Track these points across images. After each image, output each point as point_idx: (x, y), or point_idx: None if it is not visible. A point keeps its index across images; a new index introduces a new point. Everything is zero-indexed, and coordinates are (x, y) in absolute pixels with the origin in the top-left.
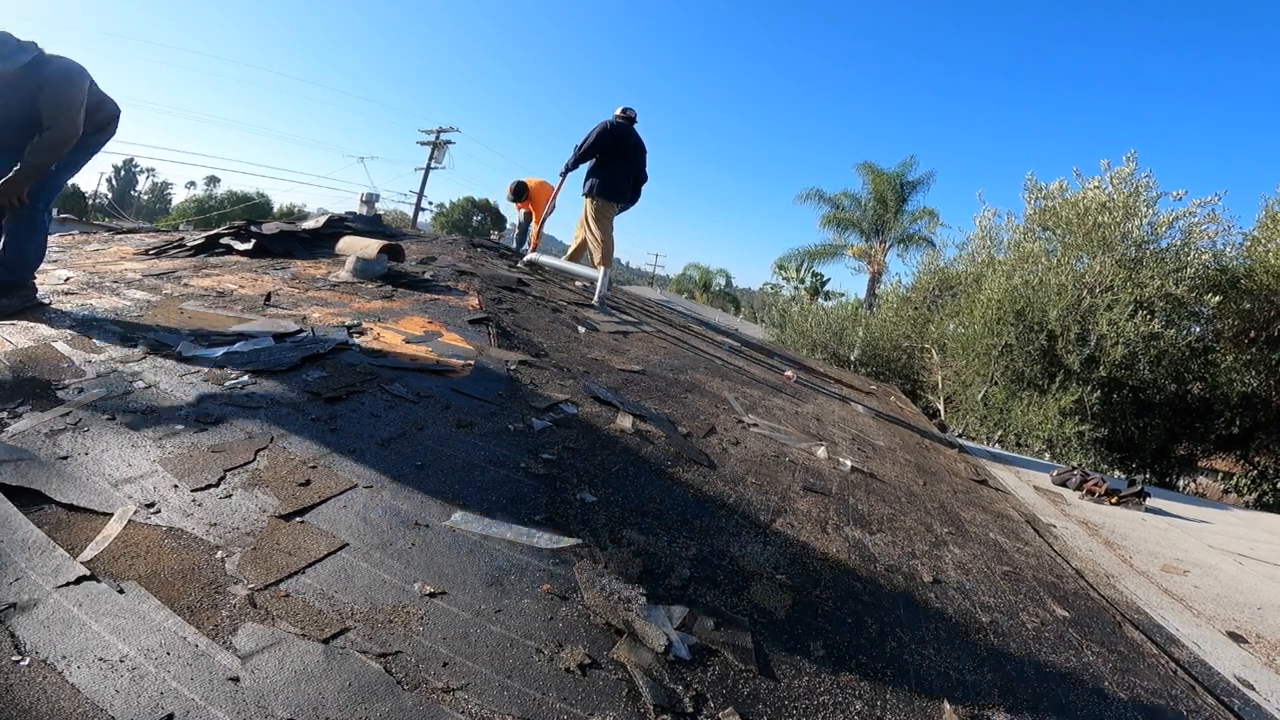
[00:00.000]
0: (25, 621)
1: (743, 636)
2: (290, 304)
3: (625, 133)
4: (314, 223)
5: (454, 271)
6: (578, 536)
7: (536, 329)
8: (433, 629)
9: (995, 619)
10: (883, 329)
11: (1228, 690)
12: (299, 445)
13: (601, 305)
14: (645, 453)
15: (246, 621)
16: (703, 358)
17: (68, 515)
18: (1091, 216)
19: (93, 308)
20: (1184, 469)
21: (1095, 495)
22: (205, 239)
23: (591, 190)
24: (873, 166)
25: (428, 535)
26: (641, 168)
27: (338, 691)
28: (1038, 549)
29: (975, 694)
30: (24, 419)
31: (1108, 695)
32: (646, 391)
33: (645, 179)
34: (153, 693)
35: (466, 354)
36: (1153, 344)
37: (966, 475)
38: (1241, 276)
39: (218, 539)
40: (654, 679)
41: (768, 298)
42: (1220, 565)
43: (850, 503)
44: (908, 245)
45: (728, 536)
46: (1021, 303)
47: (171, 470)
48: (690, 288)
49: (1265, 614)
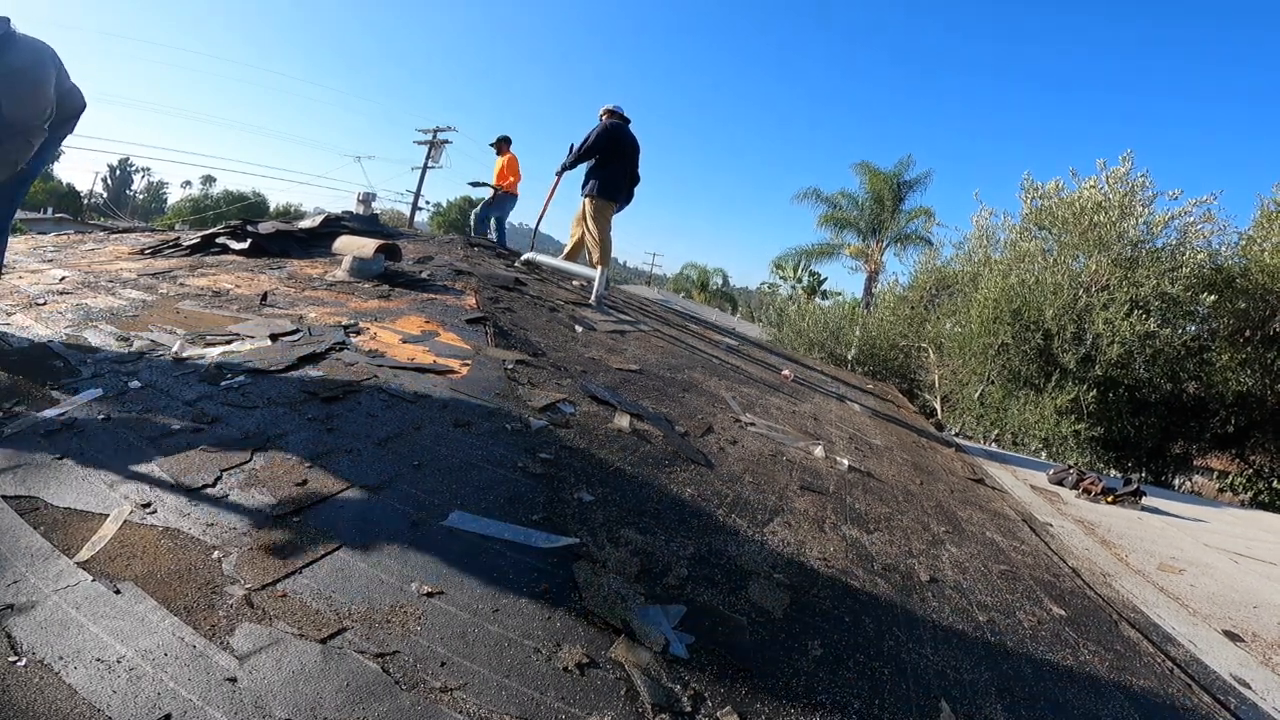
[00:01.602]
0: (22, 622)
1: (741, 636)
2: (287, 304)
3: (624, 133)
4: (310, 222)
5: (451, 271)
6: (575, 536)
7: (534, 328)
8: (430, 629)
9: (992, 618)
10: (880, 328)
11: (1224, 689)
12: (296, 445)
13: (599, 304)
14: (643, 452)
15: (244, 622)
16: (700, 357)
17: (64, 516)
18: (1088, 216)
19: (88, 307)
20: (1180, 468)
21: (1092, 494)
22: (201, 239)
23: (592, 190)
24: (870, 166)
25: (425, 535)
26: (636, 168)
27: (335, 691)
28: (1034, 548)
29: (972, 692)
30: (20, 419)
31: (1104, 693)
32: (644, 391)
33: (638, 180)
34: (150, 693)
35: (464, 353)
36: (1148, 343)
37: (963, 474)
38: (1237, 276)
39: (214, 539)
40: (652, 678)
41: (765, 297)
42: (1216, 564)
43: (848, 502)
44: (905, 245)
45: (725, 536)
46: (1018, 302)
47: (168, 470)
48: (688, 287)
49: (1261, 612)
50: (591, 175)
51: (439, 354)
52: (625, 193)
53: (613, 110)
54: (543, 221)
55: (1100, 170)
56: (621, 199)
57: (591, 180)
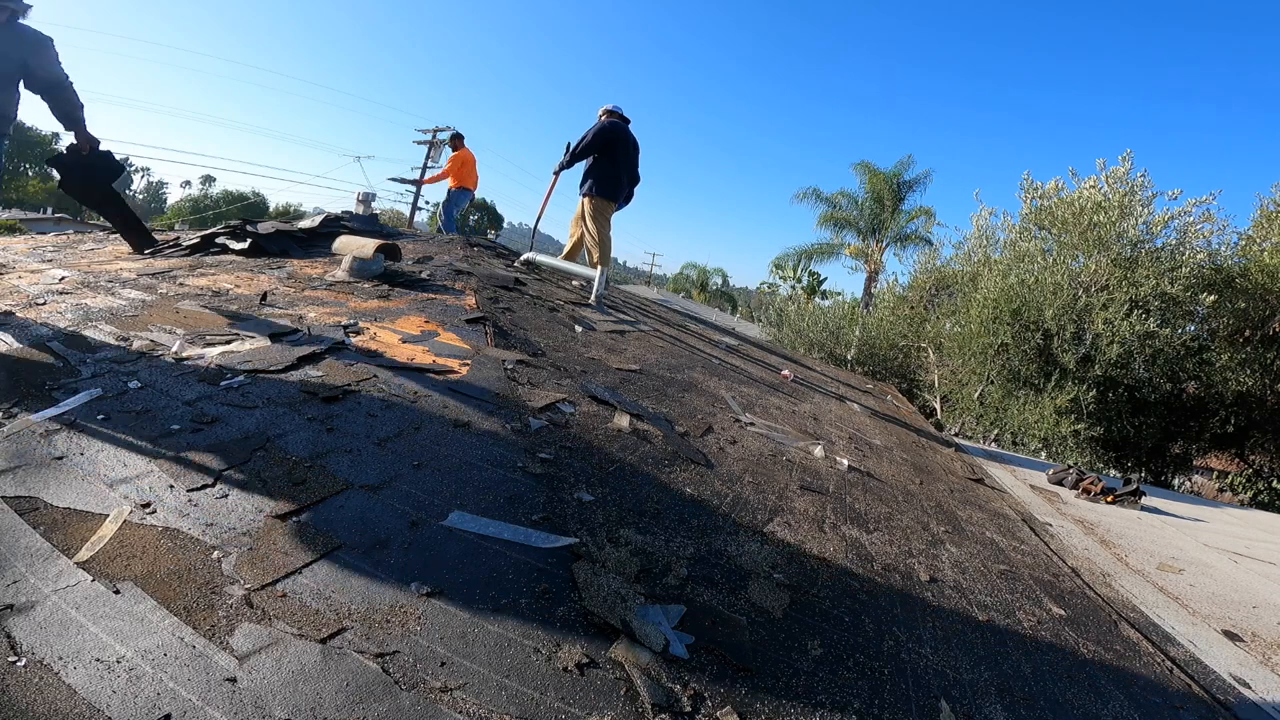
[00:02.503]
0: (22, 622)
1: (741, 635)
2: (286, 303)
3: (623, 132)
4: (310, 222)
5: (451, 271)
6: (575, 536)
7: (534, 328)
8: (430, 629)
9: (992, 617)
10: (879, 328)
11: (1224, 688)
12: (295, 445)
13: (599, 304)
14: (643, 452)
15: (243, 622)
16: (700, 357)
17: (64, 516)
18: (1087, 216)
19: (88, 307)
20: (1179, 468)
21: (1091, 494)
22: (201, 238)
23: (590, 189)
24: (870, 166)
25: (425, 535)
26: (635, 168)
27: (335, 692)
28: (1034, 548)
29: (972, 692)
30: (18, 419)
31: (1104, 693)
32: (644, 390)
33: (638, 180)
34: (150, 693)
35: (463, 353)
36: (1148, 343)
37: (963, 474)
38: (1236, 276)
39: (214, 539)
40: (652, 678)
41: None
42: (1216, 564)
43: (847, 502)
44: (904, 245)
45: (725, 536)
46: (1017, 302)
47: (167, 470)
48: (687, 287)
49: (1261, 612)
50: (589, 174)
51: (438, 354)
52: (624, 192)
53: (611, 110)
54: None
55: (1100, 170)
56: (620, 198)
57: (589, 179)
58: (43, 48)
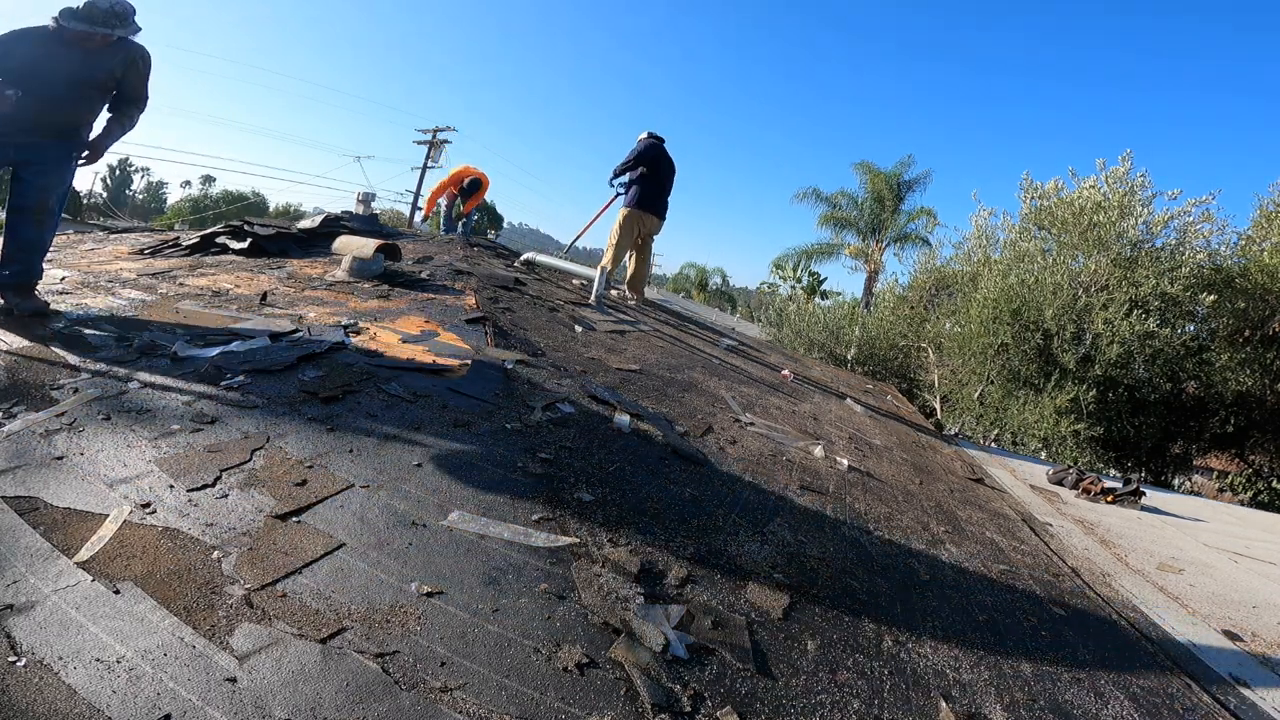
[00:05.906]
0: (22, 622)
1: (740, 635)
2: (286, 303)
3: (662, 152)
4: (310, 222)
5: (451, 271)
6: (575, 536)
7: (534, 328)
8: (430, 629)
9: (991, 617)
10: (879, 328)
11: (1224, 688)
12: (295, 445)
13: (599, 304)
14: (643, 452)
15: (243, 622)
16: (700, 357)
17: (64, 516)
18: (1087, 216)
19: (88, 307)
20: (1179, 467)
21: (1091, 494)
22: (201, 238)
23: (632, 199)
24: (870, 166)
25: (425, 535)
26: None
27: (335, 692)
28: (1034, 547)
29: (971, 692)
30: (18, 419)
31: (1104, 693)
32: (644, 390)
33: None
34: (150, 693)
35: (463, 353)
36: (1148, 343)
37: (963, 474)
38: (1236, 275)
39: (214, 539)
40: (652, 678)
41: (764, 297)
42: (1216, 564)
43: (847, 502)
44: (904, 244)
45: (725, 535)
46: (1017, 302)
47: (167, 470)
48: (687, 286)
49: (1260, 612)
50: (632, 185)
51: (438, 354)
52: (659, 206)
53: (651, 134)
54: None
55: (1099, 170)
56: (659, 212)
57: (632, 189)
58: (143, 63)
